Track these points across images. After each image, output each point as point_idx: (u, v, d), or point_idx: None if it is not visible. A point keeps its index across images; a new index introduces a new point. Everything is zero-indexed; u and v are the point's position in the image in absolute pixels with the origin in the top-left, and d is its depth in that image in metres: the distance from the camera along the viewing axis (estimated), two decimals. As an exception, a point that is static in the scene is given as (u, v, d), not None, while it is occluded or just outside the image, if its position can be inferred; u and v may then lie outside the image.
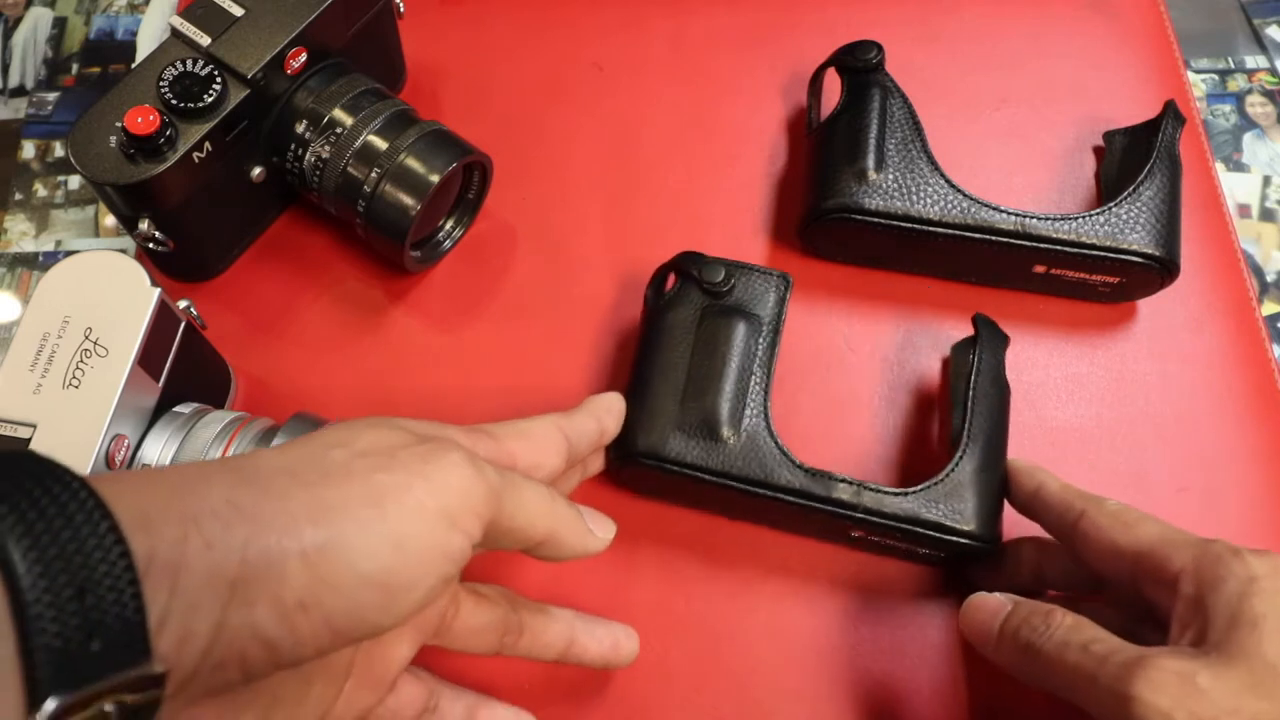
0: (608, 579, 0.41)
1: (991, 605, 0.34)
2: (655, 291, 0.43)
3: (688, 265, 0.42)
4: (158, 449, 0.37)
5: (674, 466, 0.39)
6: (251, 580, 0.23)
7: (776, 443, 0.39)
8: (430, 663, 0.35)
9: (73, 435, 0.34)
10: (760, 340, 0.41)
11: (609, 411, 0.38)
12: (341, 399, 0.45)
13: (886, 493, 0.38)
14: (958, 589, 0.41)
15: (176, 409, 0.39)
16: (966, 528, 0.37)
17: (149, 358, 0.36)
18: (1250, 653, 0.28)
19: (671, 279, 0.43)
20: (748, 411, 0.39)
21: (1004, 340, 0.42)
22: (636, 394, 0.40)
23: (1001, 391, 0.41)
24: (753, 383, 0.40)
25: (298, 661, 0.25)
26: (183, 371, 0.39)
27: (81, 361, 0.35)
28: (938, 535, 0.37)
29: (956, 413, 0.40)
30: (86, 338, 0.35)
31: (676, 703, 0.39)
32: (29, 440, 0.34)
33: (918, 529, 0.37)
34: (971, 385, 0.40)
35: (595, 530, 0.33)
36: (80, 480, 0.22)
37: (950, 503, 0.38)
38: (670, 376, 0.40)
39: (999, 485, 0.39)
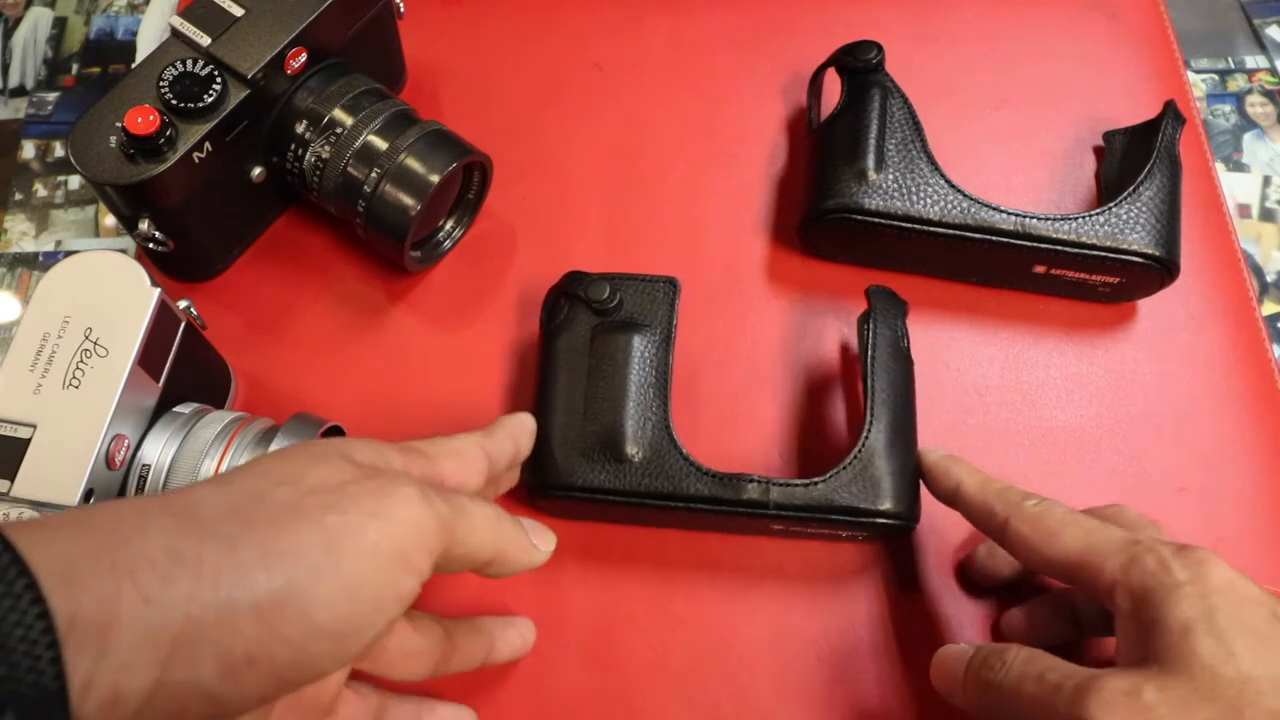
0: (608, 581, 0.41)
1: (954, 654, 0.35)
2: (548, 316, 0.43)
3: (573, 286, 0.41)
4: (158, 449, 0.37)
5: (583, 493, 0.39)
6: (197, 636, 0.22)
7: (680, 452, 0.39)
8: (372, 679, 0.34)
9: (73, 435, 0.34)
10: (654, 350, 0.40)
11: (523, 429, 0.38)
12: (341, 399, 0.45)
13: (796, 485, 0.38)
14: (953, 592, 0.41)
15: (176, 409, 0.39)
16: (881, 507, 0.37)
17: (149, 358, 0.36)
18: (1188, 659, 0.28)
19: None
20: (649, 425, 0.39)
21: (902, 308, 0.42)
22: (539, 423, 0.40)
23: (903, 363, 0.41)
24: (651, 395, 0.40)
25: (239, 714, 0.24)
26: (183, 371, 0.39)
27: (81, 361, 0.35)
28: (852, 519, 0.37)
29: (863, 390, 0.40)
30: (86, 338, 0.35)
31: (676, 702, 0.39)
32: (29, 440, 0.34)
33: (832, 515, 0.37)
34: (870, 360, 0.39)
35: (538, 544, 0.33)
36: None
37: (861, 484, 0.38)
38: (570, 402, 0.39)
39: (911, 459, 0.39)
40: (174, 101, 0.40)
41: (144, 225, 0.41)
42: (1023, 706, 0.31)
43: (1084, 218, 0.43)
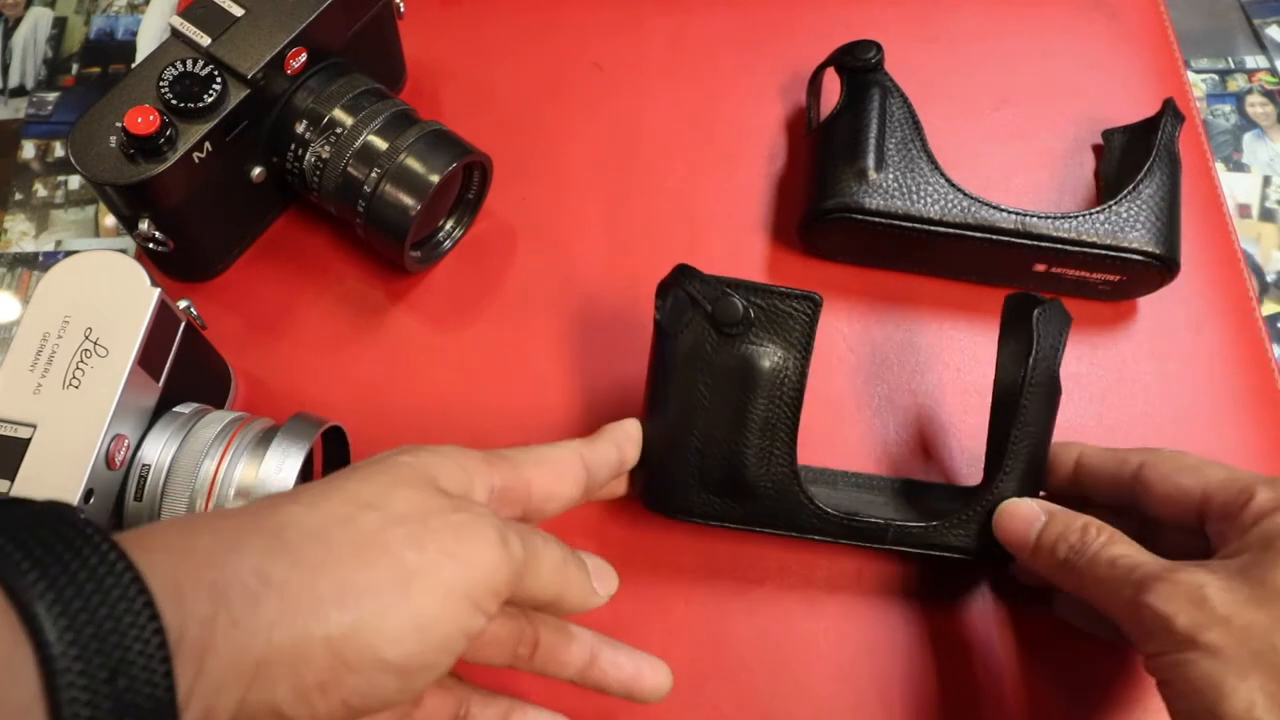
0: (608, 579, 0.41)
1: (1025, 513, 0.36)
2: (664, 311, 0.37)
3: (695, 292, 0.36)
4: (158, 449, 0.37)
5: (699, 520, 0.38)
6: (275, 661, 0.23)
7: (804, 494, 0.37)
8: (460, 670, 0.34)
9: (73, 435, 0.34)
10: (787, 381, 0.36)
11: (629, 439, 0.37)
12: (341, 399, 0.45)
13: (914, 527, 0.37)
14: (955, 594, 0.41)
15: (176, 409, 0.39)
16: (996, 551, 0.37)
17: (149, 358, 0.36)
18: (1265, 574, 0.29)
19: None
20: (773, 463, 0.37)
21: (1066, 328, 0.38)
22: (653, 432, 0.38)
23: (1055, 400, 0.38)
24: (779, 432, 0.36)
25: None
26: (183, 371, 0.39)
27: (81, 361, 0.35)
28: (965, 557, 0.37)
29: (997, 420, 0.38)
30: (86, 338, 0.35)
31: (676, 701, 0.39)
32: (29, 440, 0.34)
33: (947, 554, 0.37)
34: (1022, 399, 0.36)
35: (598, 588, 0.33)
36: (115, 548, 0.21)
37: (981, 532, 0.37)
38: (688, 419, 0.36)
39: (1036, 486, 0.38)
40: (174, 101, 0.40)
41: (144, 225, 0.41)
42: (1091, 585, 0.33)
43: (1084, 216, 0.43)
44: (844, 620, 0.41)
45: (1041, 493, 0.39)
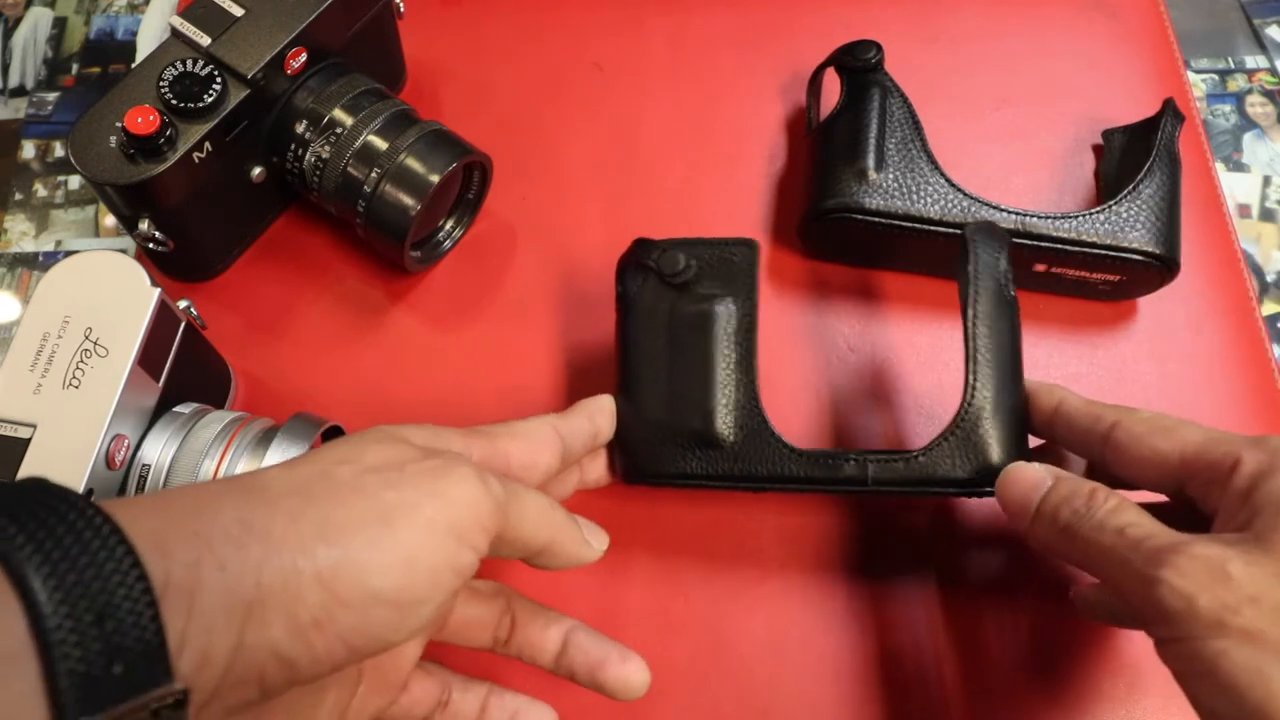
0: (607, 580, 0.41)
1: (1031, 477, 0.33)
2: (623, 288, 0.40)
3: (643, 257, 0.39)
4: (158, 449, 0.37)
5: (677, 481, 0.38)
6: (267, 601, 0.23)
7: (772, 433, 0.37)
8: (442, 656, 0.35)
9: (73, 435, 0.34)
10: (737, 323, 0.38)
11: (601, 412, 0.38)
12: (341, 399, 0.45)
13: (895, 460, 0.36)
14: (955, 594, 0.41)
15: (176, 409, 0.39)
16: (986, 478, 0.35)
17: (149, 358, 0.36)
18: None
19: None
20: (737, 406, 0.38)
21: (1003, 246, 0.38)
22: (624, 405, 0.39)
23: (1008, 312, 0.37)
24: (737, 373, 0.38)
25: (315, 678, 0.25)
26: (183, 371, 0.39)
27: (81, 361, 0.35)
28: (956, 491, 0.36)
29: (965, 349, 0.37)
30: (86, 338, 0.35)
31: (676, 701, 0.39)
32: (29, 440, 0.34)
33: (933, 489, 0.36)
34: (971, 317, 0.36)
35: (591, 541, 0.34)
36: (94, 506, 0.22)
37: (964, 454, 0.36)
38: (653, 382, 0.38)
39: (1018, 420, 0.37)
40: (174, 101, 0.40)
41: (144, 225, 0.41)
42: (1096, 555, 0.30)
43: (1084, 216, 0.43)
44: (843, 620, 0.40)
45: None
